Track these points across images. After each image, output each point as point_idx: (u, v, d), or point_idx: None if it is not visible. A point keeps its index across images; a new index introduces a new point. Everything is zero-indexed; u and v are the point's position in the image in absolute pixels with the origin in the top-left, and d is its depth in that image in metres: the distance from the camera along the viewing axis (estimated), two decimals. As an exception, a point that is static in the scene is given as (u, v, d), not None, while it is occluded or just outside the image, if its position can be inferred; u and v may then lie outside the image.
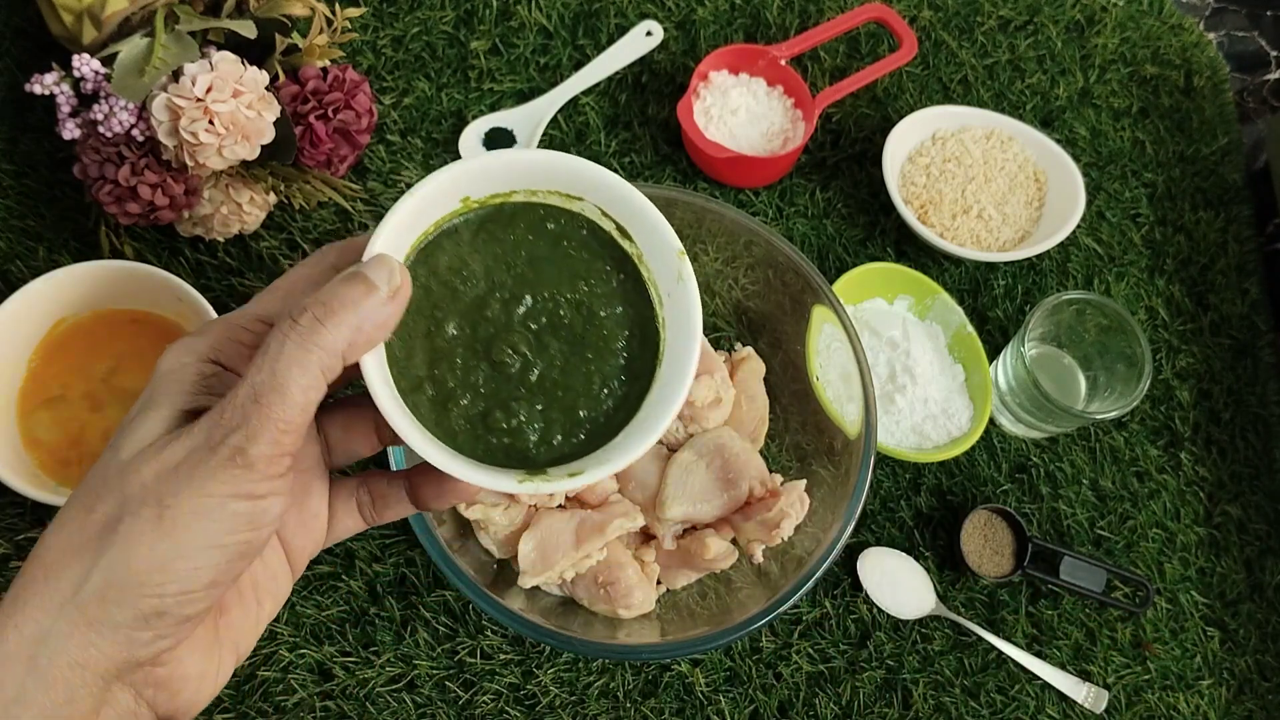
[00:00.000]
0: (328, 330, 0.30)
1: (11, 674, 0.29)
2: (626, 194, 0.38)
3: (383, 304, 0.32)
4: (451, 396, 0.36)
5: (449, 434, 0.36)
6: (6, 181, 0.72)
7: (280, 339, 0.30)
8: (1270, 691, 0.71)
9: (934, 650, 0.68)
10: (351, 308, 0.31)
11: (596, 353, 0.38)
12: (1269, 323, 0.83)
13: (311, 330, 0.30)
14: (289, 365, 0.30)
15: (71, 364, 0.64)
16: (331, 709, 0.62)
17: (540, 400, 0.37)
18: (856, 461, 0.58)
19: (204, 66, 0.60)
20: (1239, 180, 0.88)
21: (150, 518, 0.29)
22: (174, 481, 0.29)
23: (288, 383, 0.30)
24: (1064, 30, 0.92)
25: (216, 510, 0.29)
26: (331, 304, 0.31)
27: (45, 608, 0.29)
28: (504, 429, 0.36)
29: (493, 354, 0.37)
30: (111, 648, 0.29)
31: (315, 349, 0.30)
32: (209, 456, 0.29)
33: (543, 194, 0.39)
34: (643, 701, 0.64)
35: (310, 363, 0.30)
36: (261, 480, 0.30)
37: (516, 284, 0.38)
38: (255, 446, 0.29)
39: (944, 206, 0.78)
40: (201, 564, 0.30)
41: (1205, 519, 0.75)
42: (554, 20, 0.84)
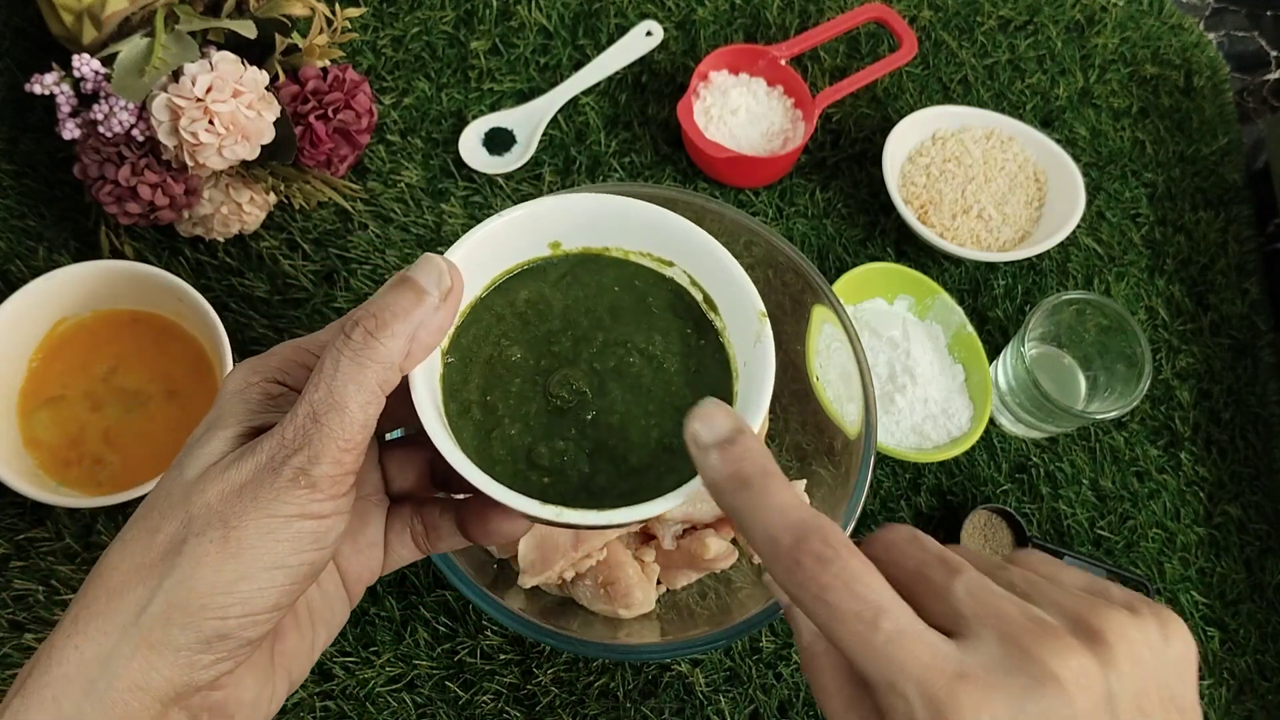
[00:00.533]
0: (381, 343, 0.30)
1: (70, 696, 0.28)
2: (718, 259, 0.37)
3: (434, 309, 0.31)
4: (499, 425, 0.35)
5: (488, 461, 0.35)
6: (6, 181, 0.72)
7: (335, 356, 0.30)
8: (1270, 691, 0.71)
9: (934, 650, 0.68)
10: (403, 316, 0.30)
11: (659, 405, 0.37)
12: (1269, 323, 0.83)
13: (365, 345, 0.30)
14: (345, 383, 0.29)
15: (71, 364, 0.64)
16: (331, 709, 0.62)
17: (589, 443, 0.36)
18: (856, 461, 0.58)
19: (204, 66, 0.60)
20: (1239, 180, 0.88)
21: (216, 539, 0.29)
22: (239, 503, 0.29)
23: (346, 400, 0.29)
24: (1064, 30, 0.92)
25: (282, 530, 0.29)
26: (383, 315, 0.30)
27: (107, 630, 0.29)
28: (545, 466, 0.35)
29: (550, 388, 0.36)
30: (172, 670, 0.29)
31: (371, 364, 0.30)
32: (273, 478, 0.29)
33: (635, 255, 0.38)
34: (643, 701, 0.64)
35: (367, 379, 0.30)
36: (326, 500, 0.30)
37: (591, 326, 0.37)
38: (318, 467, 0.29)
39: (944, 206, 0.78)
40: (266, 585, 0.29)
41: (1205, 519, 0.75)
42: (554, 20, 0.84)
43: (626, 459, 0.35)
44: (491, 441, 0.35)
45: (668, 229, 0.38)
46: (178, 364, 0.65)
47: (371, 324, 0.30)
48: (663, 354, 0.37)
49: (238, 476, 0.30)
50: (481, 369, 0.36)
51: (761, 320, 0.37)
